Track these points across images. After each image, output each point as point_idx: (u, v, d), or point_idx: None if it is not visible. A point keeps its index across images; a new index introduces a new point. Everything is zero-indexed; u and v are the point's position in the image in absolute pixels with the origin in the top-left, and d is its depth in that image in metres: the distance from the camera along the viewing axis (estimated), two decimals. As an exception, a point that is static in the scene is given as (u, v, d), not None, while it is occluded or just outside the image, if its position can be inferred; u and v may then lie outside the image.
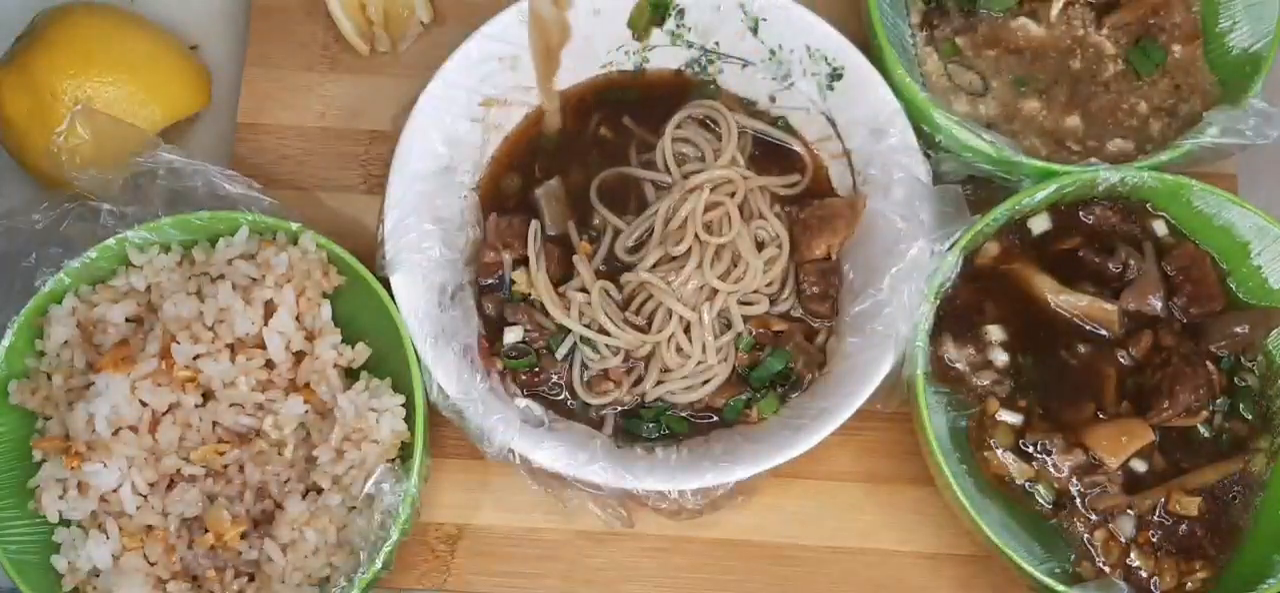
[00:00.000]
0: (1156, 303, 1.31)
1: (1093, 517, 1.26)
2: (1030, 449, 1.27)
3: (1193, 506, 1.27)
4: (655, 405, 1.33)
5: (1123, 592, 1.23)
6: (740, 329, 1.33)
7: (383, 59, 1.49)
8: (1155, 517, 1.27)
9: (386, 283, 1.27)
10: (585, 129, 1.42)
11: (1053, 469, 1.27)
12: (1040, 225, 1.35)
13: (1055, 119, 1.40)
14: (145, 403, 1.21)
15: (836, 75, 1.38)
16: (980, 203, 1.33)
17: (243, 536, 1.22)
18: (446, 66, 1.35)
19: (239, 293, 1.25)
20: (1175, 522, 1.27)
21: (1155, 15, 1.43)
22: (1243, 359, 1.32)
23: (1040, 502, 1.27)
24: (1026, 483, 1.27)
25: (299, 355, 1.26)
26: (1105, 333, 1.31)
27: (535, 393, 1.33)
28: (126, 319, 1.25)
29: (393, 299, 1.26)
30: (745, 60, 1.42)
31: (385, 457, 1.24)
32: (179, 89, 1.41)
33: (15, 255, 1.28)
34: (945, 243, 1.29)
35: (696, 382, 1.32)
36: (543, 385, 1.33)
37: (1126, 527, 1.26)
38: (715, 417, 1.33)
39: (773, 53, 1.40)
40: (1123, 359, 1.30)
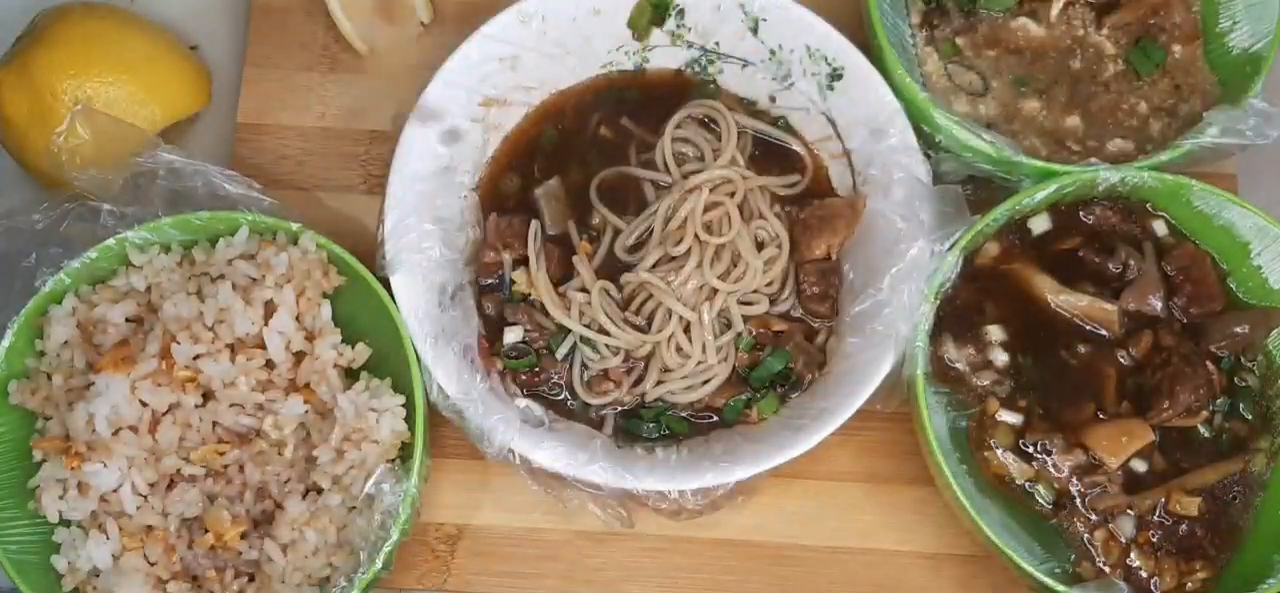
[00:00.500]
0: (1156, 303, 1.31)
1: (1093, 517, 1.26)
2: (1030, 449, 1.27)
3: (1193, 506, 1.27)
4: (655, 405, 1.33)
5: (1123, 592, 1.23)
6: (740, 329, 1.33)
7: (383, 59, 1.49)
8: (1155, 517, 1.27)
9: (386, 283, 1.27)
10: (585, 129, 1.42)
11: (1053, 469, 1.27)
12: (1040, 225, 1.35)
13: (1055, 119, 1.40)
14: (145, 403, 1.21)
15: (836, 75, 1.38)
16: (980, 203, 1.33)
17: (243, 536, 1.22)
18: (446, 66, 1.35)
19: (239, 293, 1.24)
20: (1175, 522, 1.27)
21: (1155, 15, 1.43)
22: (1243, 359, 1.32)
23: (1040, 502, 1.27)
24: (1026, 483, 1.27)
25: (299, 356, 1.26)
26: (1105, 333, 1.31)
27: (535, 393, 1.33)
28: (126, 319, 1.25)
29: (393, 299, 1.26)
30: (745, 60, 1.42)
31: (385, 457, 1.24)
32: (179, 89, 1.41)
33: (15, 255, 1.28)
34: (945, 243, 1.29)
35: (696, 382, 1.32)
36: (543, 385, 1.33)
37: (1126, 527, 1.26)
38: (715, 417, 1.33)
39: (773, 53, 1.40)
40: (1123, 359, 1.30)
